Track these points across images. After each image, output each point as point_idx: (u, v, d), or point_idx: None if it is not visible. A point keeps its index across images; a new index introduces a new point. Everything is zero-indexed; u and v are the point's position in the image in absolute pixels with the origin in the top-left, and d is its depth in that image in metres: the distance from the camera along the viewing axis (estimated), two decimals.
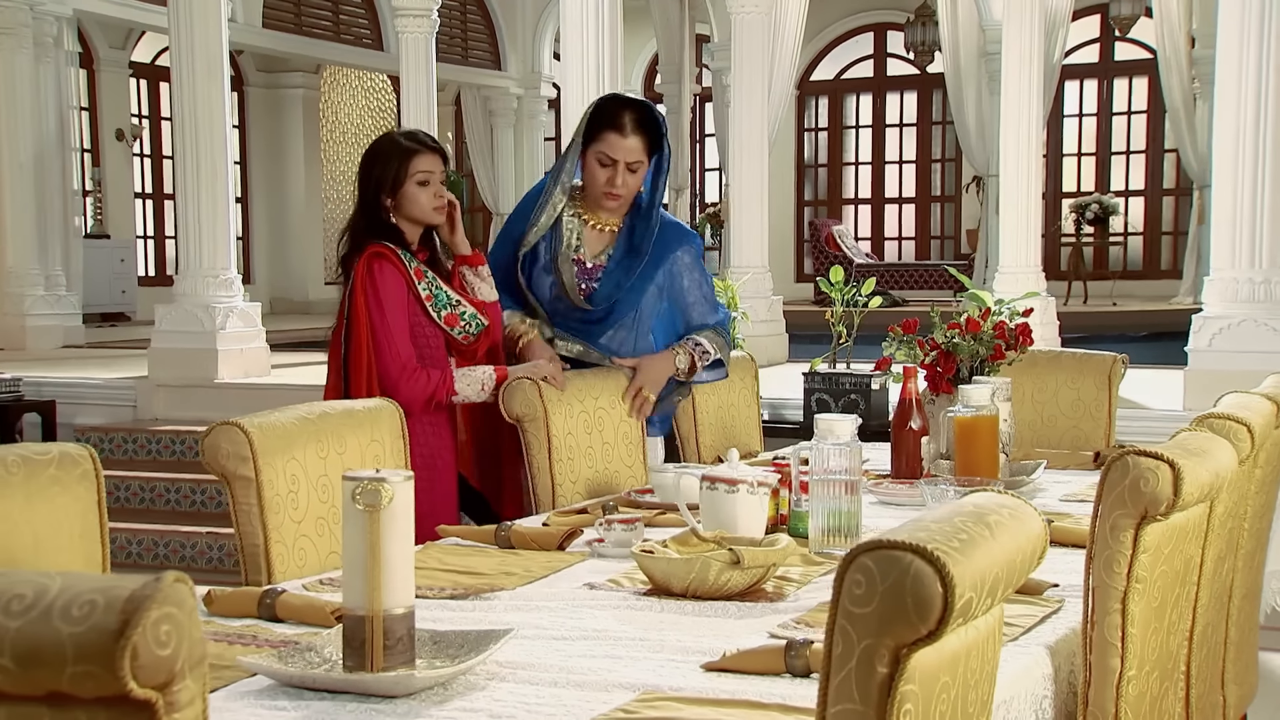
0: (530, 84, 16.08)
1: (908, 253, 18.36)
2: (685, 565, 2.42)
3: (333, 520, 2.76)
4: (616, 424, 3.67)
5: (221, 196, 8.05)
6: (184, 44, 7.99)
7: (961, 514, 1.51)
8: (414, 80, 9.99)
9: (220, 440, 2.58)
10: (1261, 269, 6.25)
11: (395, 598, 1.97)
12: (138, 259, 15.83)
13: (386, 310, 3.50)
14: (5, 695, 1.24)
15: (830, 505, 2.77)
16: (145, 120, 16.58)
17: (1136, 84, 17.33)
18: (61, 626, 1.21)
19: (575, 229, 3.76)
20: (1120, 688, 2.06)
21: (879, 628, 1.37)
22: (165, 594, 1.23)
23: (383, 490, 1.95)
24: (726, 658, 2.03)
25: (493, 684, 1.97)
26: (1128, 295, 15.69)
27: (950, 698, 1.47)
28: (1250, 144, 6.20)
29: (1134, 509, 2.02)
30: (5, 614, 1.22)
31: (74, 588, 1.24)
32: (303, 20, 13.85)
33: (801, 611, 2.35)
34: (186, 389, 8.03)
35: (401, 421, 3.00)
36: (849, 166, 18.81)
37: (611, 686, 1.95)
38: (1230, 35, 6.31)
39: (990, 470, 3.43)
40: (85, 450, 2.23)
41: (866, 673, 1.38)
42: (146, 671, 1.21)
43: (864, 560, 1.39)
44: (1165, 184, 17.26)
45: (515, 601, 2.46)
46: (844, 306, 6.49)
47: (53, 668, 1.21)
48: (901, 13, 16.82)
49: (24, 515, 2.11)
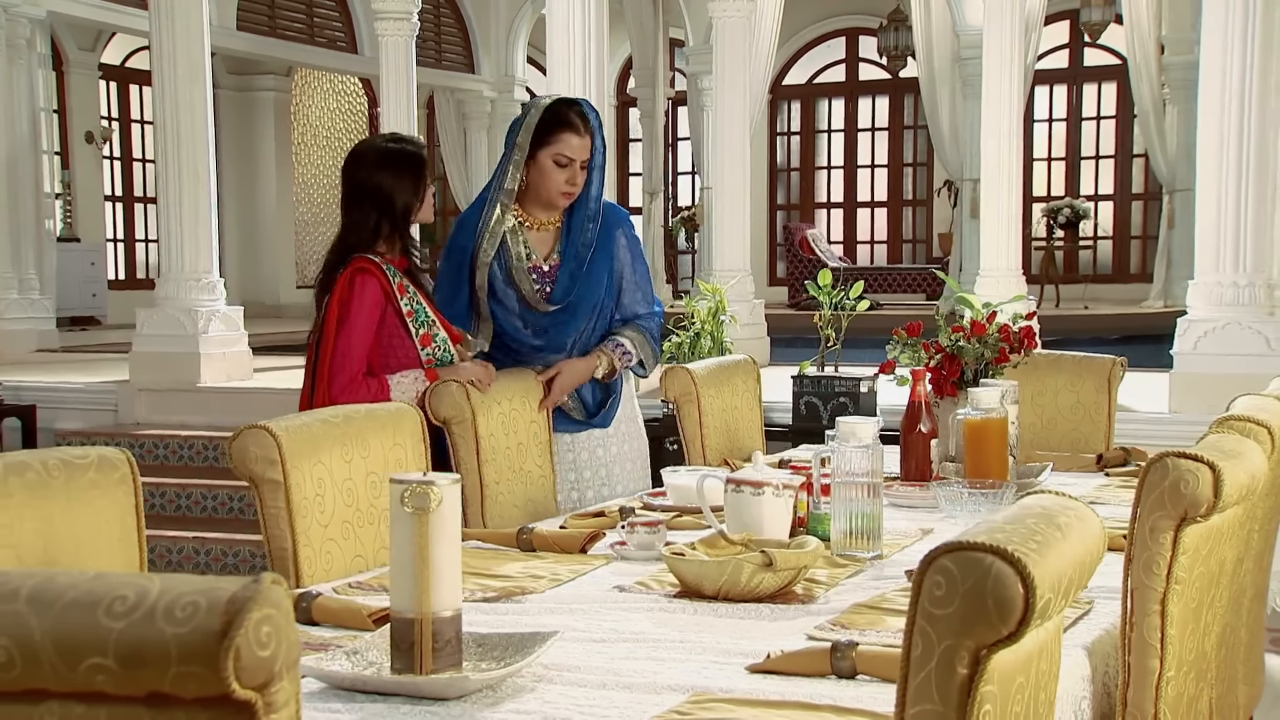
0: (504, 87, 16.07)
1: (880, 256, 18.44)
2: (718, 568, 2.42)
3: (358, 524, 2.76)
4: (527, 424, 3.69)
5: (204, 200, 8.02)
6: (165, 47, 7.95)
7: (1031, 515, 1.52)
8: (394, 83, 9.97)
9: (248, 443, 2.57)
10: (1245, 272, 6.31)
11: (443, 600, 1.97)
12: (107, 262, 15.72)
13: (352, 320, 3.55)
14: (105, 696, 1.24)
15: (852, 507, 2.78)
16: (115, 123, 16.47)
17: (1105, 89, 17.47)
18: (165, 628, 1.21)
19: (520, 236, 3.79)
20: (1159, 688, 2.08)
21: (959, 629, 1.38)
22: (265, 595, 1.24)
23: (431, 493, 1.96)
24: (771, 659, 2.04)
25: (541, 686, 1.98)
26: (1097, 299, 15.80)
27: (1024, 698, 1.49)
28: (1234, 148, 6.26)
29: (1174, 511, 2.04)
30: (108, 615, 1.22)
31: (174, 589, 1.24)
32: (276, 23, 13.80)
33: (835, 613, 2.36)
34: (169, 393, 7.99)
35: (422, 424, 3.00)
36: (821, 170, 18.87)
37: (660, 688, 1.96)
38: (1213, 42, 6.36)
39: (1000, 472, 3.46)
40: (123, 454, 2.22)
41: (946, 674, 1.39)
42: (248, 672, 1.22)
43: (943, 562, 1.40)
44: (1134, 189, 17.40)
45: (546, 604, 2.47)
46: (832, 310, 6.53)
47: (156, 669, 1.21)
48: (873, 18, 16.89)
49: (65, 519, 2.11)
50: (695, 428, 4.02)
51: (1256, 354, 6.23)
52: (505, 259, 3.77)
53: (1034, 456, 4.03)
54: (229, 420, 7.75)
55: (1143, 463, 3.91)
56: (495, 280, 3.77)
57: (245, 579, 1.27)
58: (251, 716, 1.25)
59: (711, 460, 4.06)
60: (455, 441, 3.43)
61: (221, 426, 7.65)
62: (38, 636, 1.22)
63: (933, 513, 3.29)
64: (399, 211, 3.62)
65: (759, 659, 2.08)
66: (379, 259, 3.61)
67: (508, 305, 3.78)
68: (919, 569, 1.42)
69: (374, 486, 2.81)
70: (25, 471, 2.06)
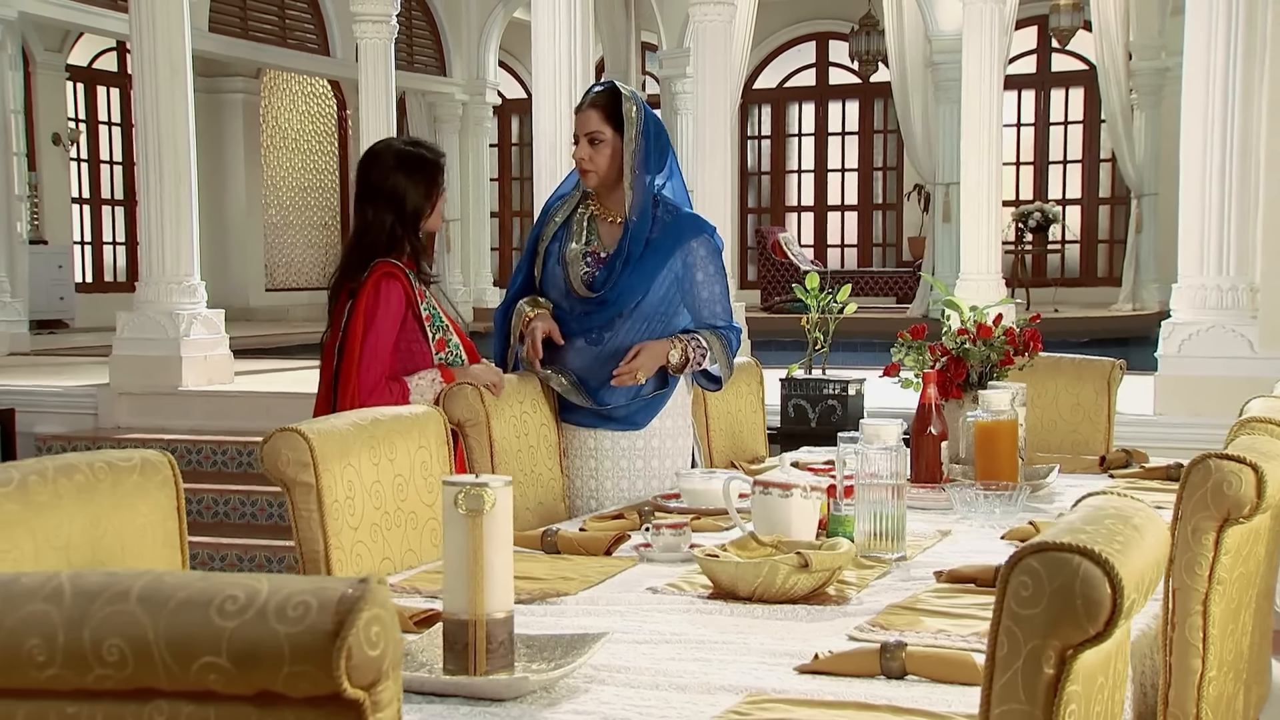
0: (475, 90, 16.05)
1: (850, 260, 18.51)
2: (753, 569, 2.44)
3: (385, 526, 2.76)
4: (538, 427, 3.70)
5: (185, 202, 7.99)
6: (145, 49, 7.91)
7: (1108, 516, 1.54)
8: (372, 86, 9.94)
9: (281, 446, 2.57)
10: (1229, 276, 6.38)
11: (497, 602, 1.98)
12: (74, 265, 15.61)
13: (378, 325, 3.57)
14: (215, 695, 1.25)
15: (877, 509, 2.80)
16: (82, 124, 16.35)
17: (1073, 94, 17.60)
18: (278, 627, 1.22)
19: (588, 225, 3.79)
20: (1201, 688, 2.10)
21: (1046, 629, 1.40)
22: (374, 595, 1.24)
23: (486, 495, 1.96)
24: (820, 660, 2.06)
25: (594, 687, 1.99)
26: (1065, 302, 15.91)
27: (1104, 698, 1.51)
28: (1217, 152, 6.33)
29: (1216, 512, 2.07)
30: (220, 615, 1.22)
31: (283, 589, 1.24)
32: (248, 25, 13.74)
33: (870, 614, 2.38)
34: (149, 397, 7.95)
35: (446, 427, 3.01)
36: (792, 174, 18.94)
37: (713, 689, 1.97)
38: (1196, 46, 6.43)
39: (1010, 474, 3.49)
40: (165, 457, 2.22)
41: (1033, 673, 1.41)
42: (359, 672, 1.22)
43: (1030, 562, 1.42)
44: (1101, 193, 17.54)
45: (581, 605, 2.48)
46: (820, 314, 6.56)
47: (269, 668, 1.22)
48: (843, 22, 16.97)
49: (112, 522, 2.10)
50: (702, 430, 4.04)
51: (1241, 357, 6.30)
52: (564, 243, 3.79)
53: (1034, 458, 4.06)
54: (211, 424, 7.73)
55: (1145, 464, 3.98)
56: (550, 259, 3.80)
57: (351, 578, 1.27)
58: (359, 716, 1.26)
59: (718, 462, 4.08)
60: (470, 444, 3.43)
61: (203, 430, 7.62)
62: (151, 636, 1.23)
63: (946, 514, 3.31)
64: (408, 215, 3.63)
65: (804, 659, 2.09)
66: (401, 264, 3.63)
67: (555, 286, 3.80)
68: (1004, 569, 1.44)
69: (400, 489, 2.81)
70: (74, 473, 2.05)
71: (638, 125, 3.67)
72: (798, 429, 6.33)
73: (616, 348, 3.70)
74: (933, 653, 2.03)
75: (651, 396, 3.75)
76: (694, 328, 3.78)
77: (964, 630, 2.25)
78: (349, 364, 3.56)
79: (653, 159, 3.71)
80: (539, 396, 3.72)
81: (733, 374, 3.87)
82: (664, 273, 3.71)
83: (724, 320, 3.81)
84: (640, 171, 3.68)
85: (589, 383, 3.73)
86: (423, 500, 2.88)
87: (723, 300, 3.82)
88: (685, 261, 3.73)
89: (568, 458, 3.79)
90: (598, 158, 3.70)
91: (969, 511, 3.26)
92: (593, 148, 3.70)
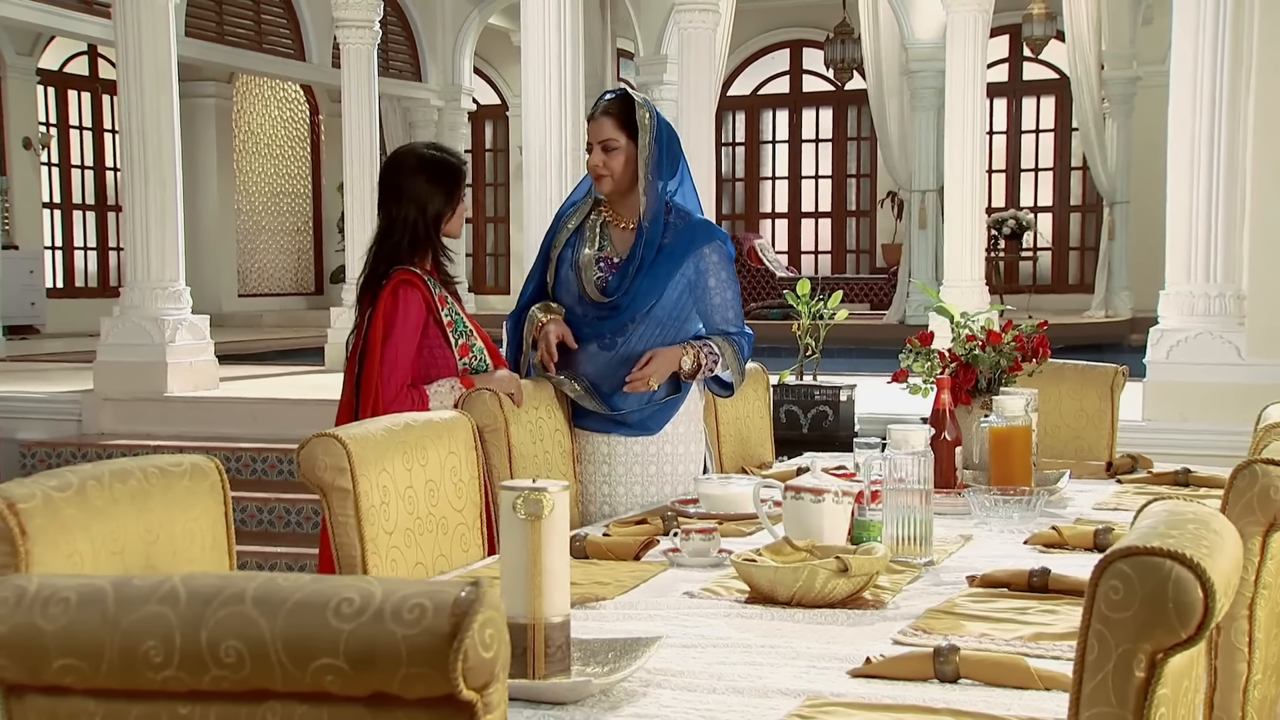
0: (451, 96, 16.03)
1: (824, 266, 18.58)
2: (792, 574, 2.45)
3: (419, 531, 2.77)
4: (552, 433, 3.71)
5: (170, 207, 7.96)
6: (131, 54, 7.88)
7: (1189, 521, 1.56)
8: (355, 91, 9.92)
9: (318, 452, 2.57)
10: (1216, 283, 6.44)
11: (555, 606, 1.99)
12: (45, 271, 15.50)
13: (397, 333, 3.58)
14: (329, 696, 1.25)
15: (906, 513, 2.82)
16: (53, 129, 16.24)
17: (1044, 103, 17.73)
18: (395, 629, 1.23)
19: (601, 231, 3.80)
20: (1246, 691, 2.13)
21: (1138, 632, 1.42)
22: (487, 598, 1.25)
23: (545, 500, 1.97)
24: (873, 664, 2.08)
25: (651, 690, 2.00)
26: (1038, 309, 15.98)
27: (1189, 700, 1.53)
28: (1204, 160, 6.39)
29: (1263, 516, 2.09)
30: (337, 617, 1.23)
31: (398, 591, 1.25)
32: (224, 29, 13.68)
33: (911, 618, 2.40)
34: (135, 403, 7.90)
35: (474, 433, 3.01)
36: (766, 181, 19.00)
37: (769, 692, 1.98)
38: (1184, 58, 6.49)
39: (1024, 479, 3.52)
40: (213, 463, 2.22)
41: (1124, 677, 1.43)
42: (474, 673, 1.24)
43: (1120, 566, 1.43)
44: (1073, 200, 17.66)
45: (620, 610, 2.48)
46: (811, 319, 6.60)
47: (386, 669, 1.23)
48: (817, 30, 17.04)
49: (164, 526, 2.10)
50: (712, 436, 4.05)
51: (1228, 363, 6.36)
52: (577, 249, 3.80)
53: (1040, 464, 4.09)
54: (197, 431, 7.69)
55: (1151, 470, 4.01)
56: (563, 265, 3.81)
57: (461, 581, 1.28)
58: (471, 717, 1.27)
59: (727, 468, 4.10)
60: (488, 449, 3.43)
61: (189, 437, 7.58)
62: (268, 637, 1.23)
63: (964, 519, 3.34)
64: (430, 218, 3.64)
65: (853, 663, 2.11)
66: (420, 271, 3.63)
67: (569, 291, 3.80)
68: (1094, 573, 1.46)
69: (432, 494, 2.82)
70: (128, 479, 2.05)
71: (651, 132, 3.69)
72: (790, 435, 6.35)
73: (629, 353, 3.70)
74: (986, 656, 2.05)
75: (664, 402, 3.76)
76: (706, 333, 3.79)
77: (1007, 634, 2.27)
78: (369, 372, 3.57)
79: (665, 165, 3.73)
80: (554, 402, 3.73)
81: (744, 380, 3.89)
82: (677, 278, 3.73)
83: (735, 326, 3.83)
84: (653, 177, 3.70)
85: (601, 388, 3.74)
86: (452, 505, 2.88)
87: (734, 306, 3.84)
88: (698, 267, 3.75)
89: (581, 463, 3.79)
90: (612, 164, 3.71)
91: (987, 516, 3.29)
92: (606, 155, 3.71)
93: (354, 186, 9.81)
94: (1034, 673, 2.00)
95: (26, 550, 1.85)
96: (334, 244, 18.69)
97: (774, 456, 4.52)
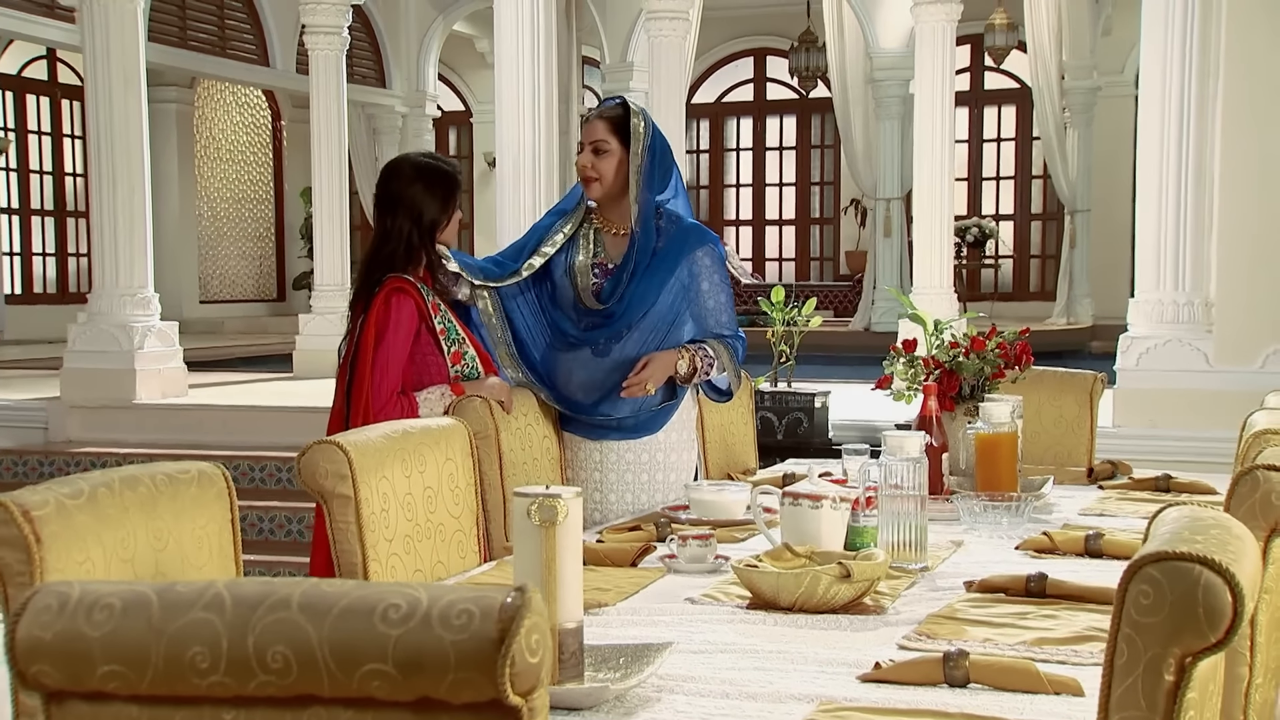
0: (415, 102, 15.99)
1: (788, 274, 18.64)
2: (795, 579, 2.46)
3: (418, 538, 2.76)
4: (540, 439, 3.72)
5: (139, 213, 7.91)
6: (99, 59, 7.83)
7: (1211, 525, 1.58)
8: (324, 98, 9.89)
9: (319, 458, 2.57)
10: (1185, 291, 6.50)
11: (569, 612, 1.99)
12: (4, 277, 15.36)
13: (389, 339, 3.58)
14: (375, 701, 1.25)
15: (901, 519, 2.84)
16: (11, 134, 16.10)
17: (1005, 112, 17.85)
18: (444, 634, 1.23)
19: (594, 238, 3.81)
20: (1248, 695, 2.15)
21: (1167, 637, 1.43)
22: (533, 603, 1.26)
23: (559, 506, 1.97)
24: (883, 669, 2.09)
25: (665, 696, 2.00)
26: (1000, 316, 16.12)
27: (1213, 704, 1.55)
28: (1173, 169, 6.45)
29: (1265, 522, 2.12)
30: (384, 622, 1.23)
31: (444, 597, 1.26)
32: (187, 34, 13.60)
33: (913, 623, 2.41)
34: (102, 410, 7.84)
35: (471, 440, 3.01)
36: (730, 188, 19.05)
37: (783, 698, 1.99)
38: (1153, 68, 6.55)
39: (1010, 485, 3.55)
40: (219, 470, 2.21)
41: (1153, 681, 1.44)
42: (520, 679, 1.24)
43: (1150, 571, 1.45)
44: (1034, 209, 17.79)
45: (624, 616, 2.49)
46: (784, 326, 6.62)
47: (434, 675, 1.23)
48: (781, 38, 17.11)
49: (173, 533, 2.10)
50: (700, 443, 4.06)
51: (1197, 370, 6.43)
52: (571, 255, 3.80)
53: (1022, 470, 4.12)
54: (166, 438, 7.64)
55: (1131, 476, 4.04)
56: (556, 270, 3.81)
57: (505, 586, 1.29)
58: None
59: (713, 474, 4.11)
60: (479, 456, 3.43)
61: (158, 444, 7.53)
62: (315, 643, 1.23)
63: (952, 524, 3.36)
64: (425, 226, 3.65)
65: (861, 668, 2.12)
66: (413, 278, 3.63)
67: (565, 297, 3.80)
68: (1123, 578, 1.47)
69: (430, 501, 2.81)
70: (137, 486, 2.05)
71: (645, 141, 3.69)
72: (765, 441, 6.34)
73: (624, 358, 3.70)
74: (995, 661, 2.07)
75: (660, 408, 3.77)
76: (700, 337, 3.79)
77: (1010, 639, 2.29)
78: (361, 378, 3.57)
79: (656, 177, 3.73)
80: (540, 409, 3.73)
81: (740, 383, 3.90)
82: (671, 282, 3.73)
83: (729, 329, 3.83)
84: (644, 186, 3.70)
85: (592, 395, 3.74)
86: (450, 512, 2.88)
87: (728, 309, 3.84)
88: (691, 271, 3.75)
89: (572, 469, 3.79)
90: (601, 166, 3.72)
91: (975, 522, 3.31)
92: (596, 156, 3.72)
93: (323, 192, 9.78)
94: (1044, 677, 2.01)
95: (41, 558, 1.84)
96: (296, 250, 18.61)
97: (757, 463, 4.54)
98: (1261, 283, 6.39)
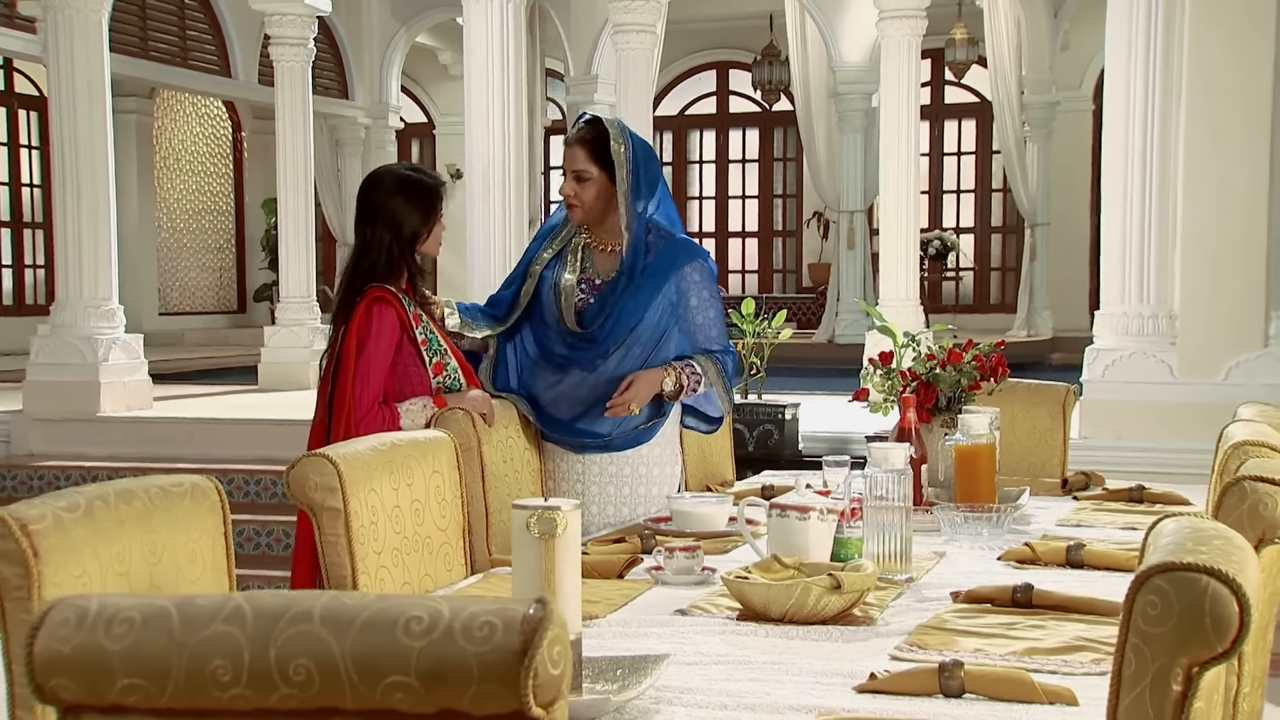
0: (378, 114, 15.96)
1: (751, 286, 18.69)
2: (785, 591, 2.47)
3: (406, 550, 2.76)
4: (521, 452, 3.73)
5: (104, 224, 7.87)
6: (64, 70, 7.78)
7: (1214, 536, 1.60)
8: (289, 109, 9.87)
9: (308, 471, 2.56)
10: (1149, 304, 6.57)
11: (569, 624, 1.99)
12: None
13: (370, 350, 3.57)
14: (398, 713, 1.26)
15: (887, 530, 2.85)
16: None
17: (965, 126, 17.98)
18: (466, 646, 1.23)
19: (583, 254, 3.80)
20: (1236, 704, 2.17)
21: (1175, 647, 1.45)
22: (554, 615, 1.26)
23: (558, 518, 1.98)
24: (879, 679, 2.10)
25: (663, 707, 2.01)
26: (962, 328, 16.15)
27: (1217, 714, 1.57)
28: (1137, 184, 6.52)
29: (1253, 532, 2.14)
30: (407, 634, 1.24)
31: (465, 609, 1.26)
32: (148, 45, 13.52)
33: (903, 634, 2.42)
34: (66, 423, 7.78)
35: (457, 452, 3.01)
36: (693, 201, 19.10)
37: (781, 709, 1.99)
38: (1117, 84, 6.63)
39: (989, 496, 3.57)
40: (212, 483, 2.20)
41: (1161, 691, 1.46)
42: (542, 690, 1.24)
43: (1157, 582, 1.46)
44: (994, 222, 17.91)
45: (614, 628, 2.49)
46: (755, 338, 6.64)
47: (456, 687, 1.23)
48: (744, 52, 17.17)
49: (167, 546, 2.09)
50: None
51: (1161, 382, 6.49)
52: (558, 272, 3.80)
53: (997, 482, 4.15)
54: (131, 451, 7.58)
55: (1105, 487, 4.08)
56: (544, 285, 3.81)
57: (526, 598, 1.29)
58: None
59: (691, 486, 4.11)
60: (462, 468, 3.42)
61: (122, 457, 7.47)
62: (338, 655, 1.23)
63: (932, 535, 3.37)
64: (405, 238, 3.64)
65: (856, 679, 2.13)
66: (395, 289, 3.63)
67: (551, 314, 3.79)
68: (1130, 589, 1.49)
69: (418, 513, 2.81)
70: (132, 500, 2.03)
71: (628, 166, 3.68)
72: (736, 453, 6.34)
73: (610, 375, 3.70)
74: (990, 671, 2.08)
75: (645, 426, 3.77)
76: (688, 353, 3.80)
77: (1000, 650, 2.30)
78: (342, 389, 3.56)
79: (643, 188, 3.72)
80: (521, 422, 3.73)
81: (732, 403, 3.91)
82: (659, 299, 3.72)
83: (719, 344, 3.83)
84: (631, 202, 3.70)
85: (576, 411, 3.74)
86: (437, 525, 2.88)
87: (717, 324, 3.83)
88: (679, 287, 3.75)
89: (554, 480, 3.79)
90: (583, 194, 3.71)
91: (956, 533, 3.33)
92: (579, 185, 3.71)
93: (288, 204, 9.75)
94: (1038, 687, 2.03)
95: (39, 572, 1.83)
96: (258, 262, 18.51)
97: (734, 475, 4.55)
98: (1224, 296, 6.46)
